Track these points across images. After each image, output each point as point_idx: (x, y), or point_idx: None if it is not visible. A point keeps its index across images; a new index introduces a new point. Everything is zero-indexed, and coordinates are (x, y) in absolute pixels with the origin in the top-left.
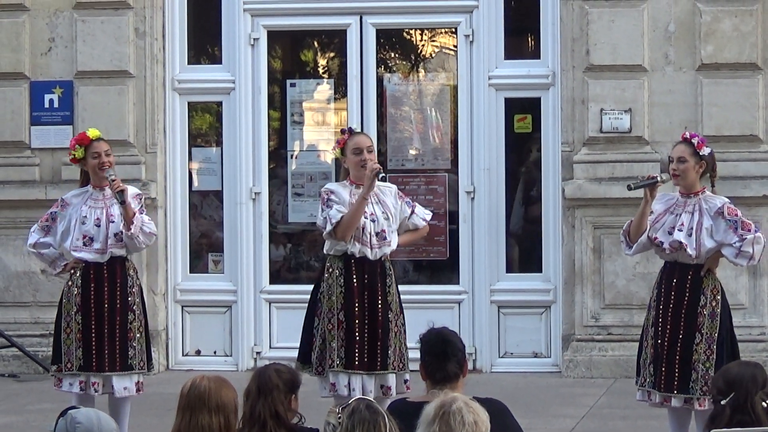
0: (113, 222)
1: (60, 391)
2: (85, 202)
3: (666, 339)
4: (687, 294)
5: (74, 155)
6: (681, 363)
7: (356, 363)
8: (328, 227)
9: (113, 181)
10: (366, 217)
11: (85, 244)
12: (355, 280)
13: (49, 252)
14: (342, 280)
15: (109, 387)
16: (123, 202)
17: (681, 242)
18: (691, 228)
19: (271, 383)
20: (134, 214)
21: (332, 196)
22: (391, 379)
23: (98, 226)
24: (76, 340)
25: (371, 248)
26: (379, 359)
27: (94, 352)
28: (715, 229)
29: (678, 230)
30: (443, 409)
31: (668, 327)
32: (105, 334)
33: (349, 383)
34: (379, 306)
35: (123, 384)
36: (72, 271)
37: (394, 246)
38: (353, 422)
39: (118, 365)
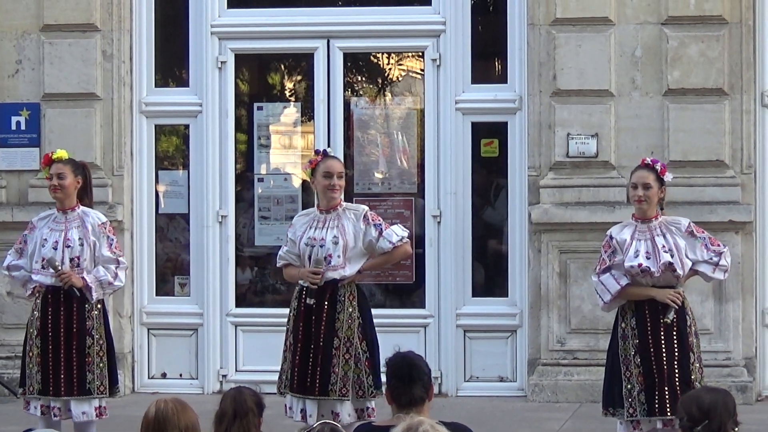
0: (69, 246)
1: (27, 414)
2: (47, 225)
3: (664, 362)
4: (676, 315)
5: (43, 175)
6: (681, 384)
7: (295, 386)
8: (277, 264)
9: (60, 275)
10: (312, 244)
11: (43, 267)
12: (303, 305)
13: (19, 274)
14: (296, 304)
15: (67, 411)
16: (80, 292)
17: (671, 262)
18: (671, 249)
19: (246, 406)
20: (86, 285)
21: (289, 231)
22: (340, 406)
23: (55, 249)
24: (36, 363)
25: None
26: (317, 384)
27: (51, 376)
28: (689, 248)
29: (664, 252)
30: None
31: (663, 350)
32: (61, 358)
33: (302, 407)
34: (322, 331)
35: (81, 409)
36: (37, 294)
37: (348, 272)
38: None
39: (76, 390)
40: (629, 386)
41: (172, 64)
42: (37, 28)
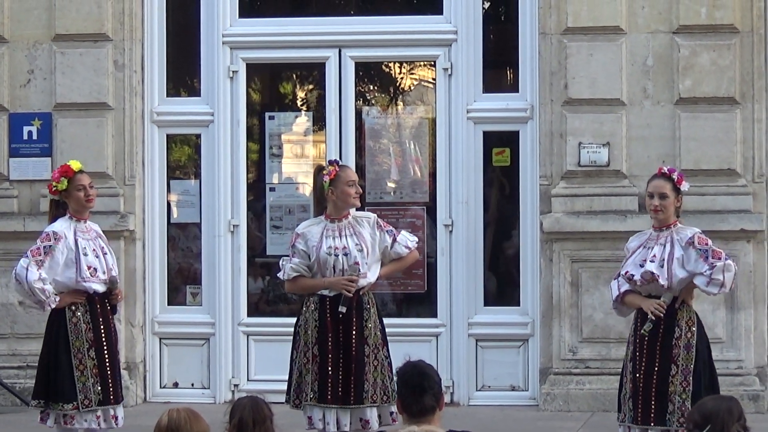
0: (106, 254)
1: (67, 429)
2: (77, 234)
3: (642, 371)
4: (662, 326)
5: (56, 187)
6: (657, 395)
7: (329, 397)
8: (282, 277)
9: (118, 292)
10: (336, 254)
11: (91, 275)
12: (328, 314)
13: (50, 288)
14: (317, 314)
15: (110, 419)
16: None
17: (653, 273)
18: (663, 259)
19: (264, 413)
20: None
21: (298, 242)
22: (369, 413)
23: (97, 257)
24: (93, 375)
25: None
26: (353, 393)
27: (110, 384)
28: (686, 259)
29: (650, 261)
30: None
31: (644, 359)
32: (115, 366)
33: (324, 417)
34: (353, 340)
35: (121, 414)
36: (73, 306)
37: (371, 278)
38: None
39: (121, 396)
40: (624, 392)
41: (184, 74)
42: (48, 38)
